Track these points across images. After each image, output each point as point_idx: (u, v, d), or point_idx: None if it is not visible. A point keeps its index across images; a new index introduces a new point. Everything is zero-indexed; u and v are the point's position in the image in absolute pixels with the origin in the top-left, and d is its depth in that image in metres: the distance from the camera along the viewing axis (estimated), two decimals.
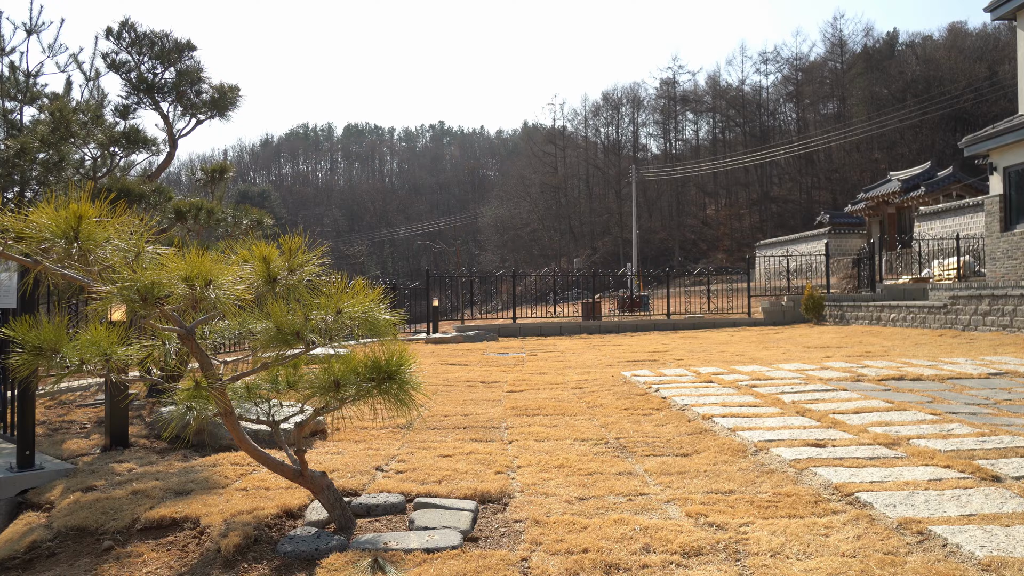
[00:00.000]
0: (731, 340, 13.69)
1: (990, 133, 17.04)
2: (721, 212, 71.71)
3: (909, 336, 12.58)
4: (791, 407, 5.49)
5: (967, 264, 20.22)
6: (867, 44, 68.07)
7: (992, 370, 7.39)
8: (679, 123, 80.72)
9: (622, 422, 5.22)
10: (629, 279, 29.53)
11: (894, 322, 14.91)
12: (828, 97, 69.89)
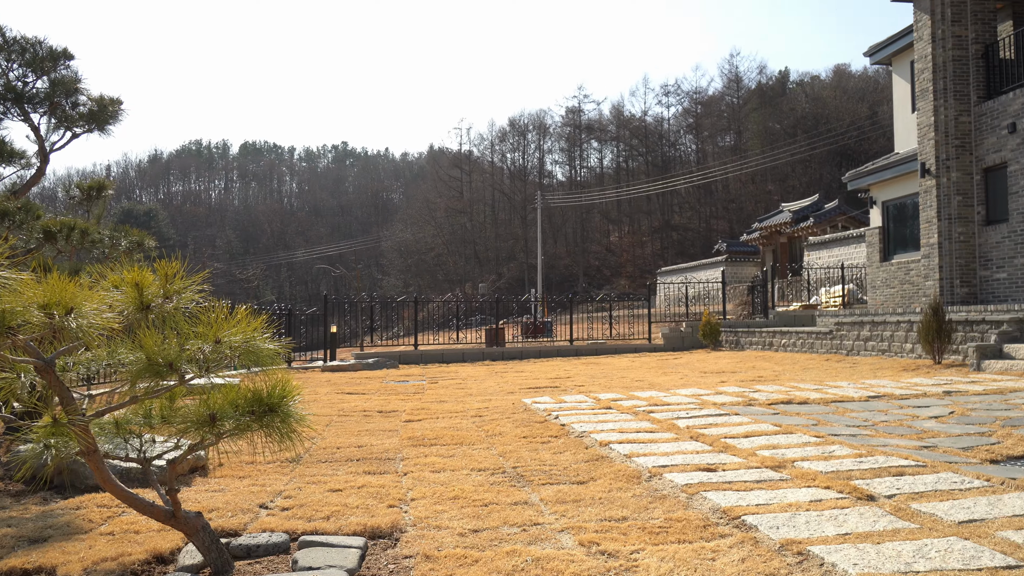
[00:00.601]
0: (632, 366, 14.01)
1: (870, 169, 18.33)
2: (624, 239, 73.80)
3: (798, 361, 13.24)
4: (685, 432, 5.62)
5: (851, 292, 21.56)
6: (761, 81, 72.32)
7: (871, 393, 7.82)
8: (584, 151, 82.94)
9: (520, 451, 5.20)
10: (533, 305, 29.85)
11: (785, 347, 15.67)
12: (725, 130, 73.63)
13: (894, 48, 18.00)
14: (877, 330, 12.75)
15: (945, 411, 6.46)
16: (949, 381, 8.60)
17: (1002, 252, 13.27)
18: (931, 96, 14.20)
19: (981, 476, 3.89)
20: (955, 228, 13.95)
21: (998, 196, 13.49)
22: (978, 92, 13.91)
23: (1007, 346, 9.50)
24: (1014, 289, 13.02)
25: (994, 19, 14.10)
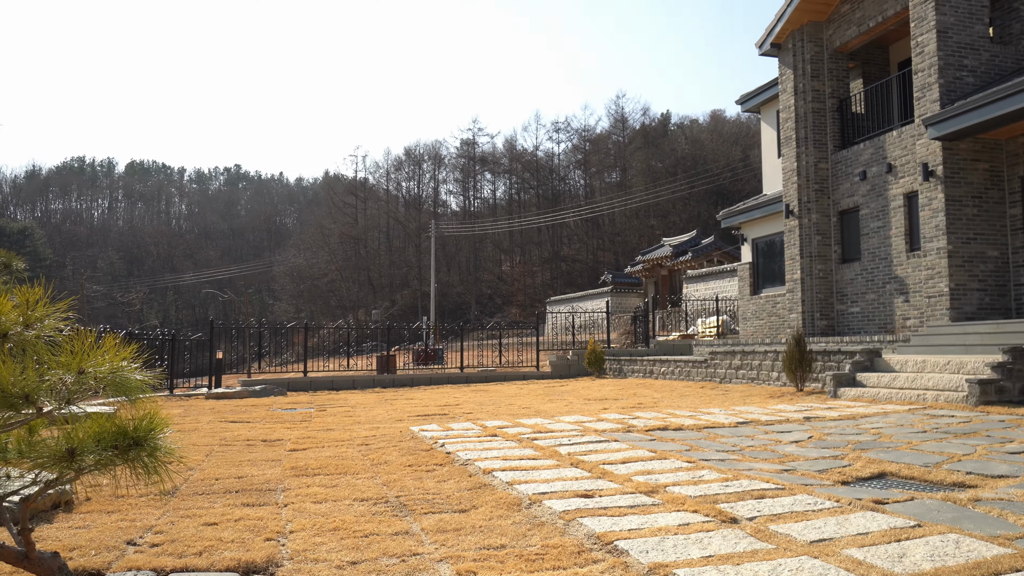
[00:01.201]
0: (520, 393, 14.20)
1: (741, 209, 19.60)
2: (516, 269, 74.95)
3: (676, 388, 13.85)
4: (567, 459, 5.78)
5: (725, 323, 22.84)
6: (645, 122, 76.04)
7: (740, 419, 8.28)
8: (478, 182, 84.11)
9: (405, 479, 5.18)
10: (425, 332, 29.71)
11: (664, 375, 16.37)
12: (612, 167, 76.70)
13: (762, 98, 19.48)
14: (747, 359, 13.57)
15: (805, 436, 6.91)
16: (809, 408, 9.25)
17: (856, 288, 14.53)
18: (794, 144, 15.46)
19: (832, 497, 4.16)
20: (815, 265, 15.15)
21: (852, 237, 14.79)
22: (834, 142, 15.27)
23: (859, 375, 10.37)
24: (866, 322, 14.25)
25: (847, 77, 15.59)
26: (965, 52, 12.23)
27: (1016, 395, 8.37)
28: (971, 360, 9.07)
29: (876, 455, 5.65)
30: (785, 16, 15.40)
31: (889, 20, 13.87)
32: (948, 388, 8.83)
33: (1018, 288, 12.11)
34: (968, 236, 12.06)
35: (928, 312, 12.24)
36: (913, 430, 6.87)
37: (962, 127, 11.54)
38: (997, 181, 12.36)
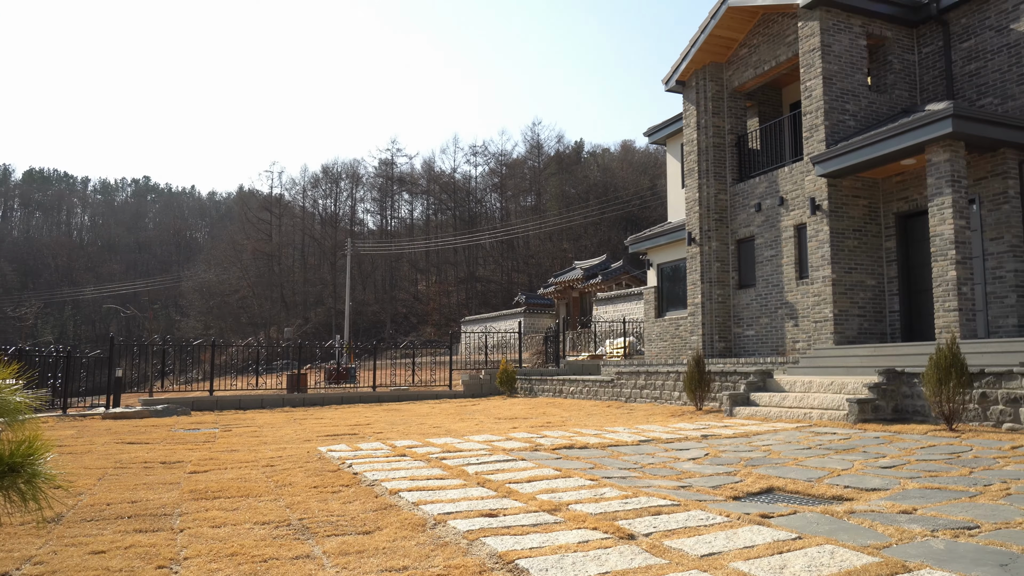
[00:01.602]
0: (431, 412, 14.17)
1: (647, 235, 20.34)
2: (432, 288, 74.67)
3: (584, 407, 14.14)
4: (474, 478, 5.85)
5: (632, 344, 23.51)
6: (559, 149, 77.82)
7: (642, 438, 8.55)
8: (396, 202, 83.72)
9: (309, 501, 5.11)
10: (338, 351, 29.16)
11: (573, 394, 16.69)
12: (527, 191, 77.92)
13: (668, 131, 20.38)
14: (651, 379, 14.05)
15: (702, 453, 7.21)
16: (707, 426, 9.66)
17: (751, 312, 15.32)
18: (696, 175, 16.24)
19: (723, 512, 4.35)
20: (715, 290, 15.90)
21: (748, 264, 15.62)
22: (733, 175, 16.14)
23: (753, 394, 10.93)
24: (760, 344, 15.03)
25: (745, 115, 16.55)
26: (847, 98, 13.26)
27: (889, 413, 9.05)
28: (851, 381, 9.75)
29: (765, 471, 5.97)
30: (689, 56, 16.24)
31: (782, 65, 14.86)
32: (831, 407, 9.45)
33: (892, 314, 13.12)
34: (850, 266, 13.00)
35: (815, 335, 13.06)
36: (799, 447, 7.31)
37: (844, 166, 12.49)
38: (875, 216, 13.40)
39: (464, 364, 24.71)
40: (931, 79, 13.66)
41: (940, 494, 4.80)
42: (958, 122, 10.77)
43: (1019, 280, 11.23)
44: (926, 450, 6.70)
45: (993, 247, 11.54)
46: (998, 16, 12.49)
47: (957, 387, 7.85)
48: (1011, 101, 12.21)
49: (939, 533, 3.76)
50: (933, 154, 11.30)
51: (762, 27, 15.31)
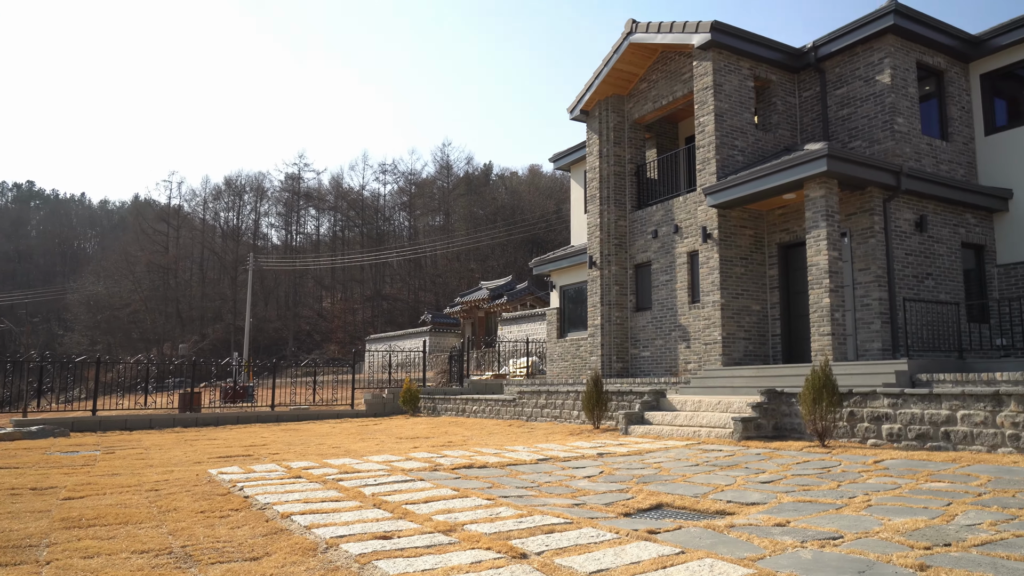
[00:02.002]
0: (332, 432, 13.89)
1: (551, 258, 20.78)
2: (337, 306, 73.15)
3: (486, 426, 14.21)
4: (370, 500, 5.81)
5: (534, 364, 23.85)
6: (468, 171, 78.42)
7: (541, 456, 8.68)
8: (302, 217, 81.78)
9: (195, 527, 4.94)
10: (235, 368, 28.09)
11: (476, 413, 16.76)
12: (436, 211, 77.95)
13: (572, 158, 20.99)
14: (552, 399, 14.32)
15: (597, 471, 7.39)
16: (603, 444, 9.92)
17: (647, 334, 15.91)
18: (598, 202, 16.79)
19: (613, 529, 4.50)
20: (613, 313, 16.42)
21: (645, 288, 16.24)
22: (632, 202, 16.79)
23: (647, 413, 11.35)
24: (655, 365, 15.62)
25: (644, 146, 17.29)
26: (736, 134, 14.12)
27: (770, 431, 9.63)
28: (737, 400, 10.30)
29: (655, 488, 6.21)
30: (593, 88, 16.85)
31: (678, 100, 15.66)
32: (718, 425, 9.95)
33: (774, 338, 13.97)
34: (737, 292, 13.76)
35: (705, 357, 13.72)
36: (688, 463, 7.64)
37: (733, 198, 13.27)
38: (760, 245, 14.27)
39: (368, 383, 24.34)
40: (810, 121, 14.75)
41: (811, 507, 5.17)
42: (831, 162, 11.69)
43: (883, 308, 12.23)
44: (801, 465, 7.17)
45: (861, 277, 12.52)
46: (866, 68, 13.67)
47: (829, 406, 8.45)
48: (877, 145, 13.35)
49: (808, 544, 4.05)
50: (811, 190, 12.19)
51: (661, 64, 16.09)
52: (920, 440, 8.07)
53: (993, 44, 13.88)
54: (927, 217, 13.02)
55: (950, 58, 14.26)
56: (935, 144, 13.80)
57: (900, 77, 13.46)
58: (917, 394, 8.16)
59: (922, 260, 12.90)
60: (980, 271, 13.85)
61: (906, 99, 13.50)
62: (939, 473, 6.33)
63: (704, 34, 13.84)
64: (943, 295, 13.07)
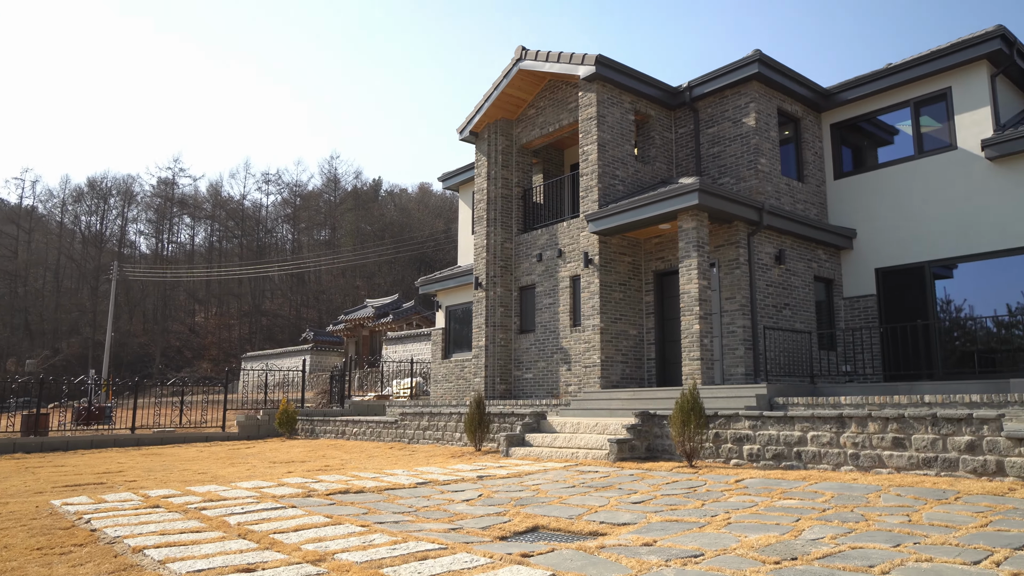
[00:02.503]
0: (199, 456, 13.15)
1: (438, 278, 20.75)
2: (211, 321, 69.54)
3: (366, 449, 13.92)
4: (235, 529, 5.54)
5: (419, 385, 23.64)
6: (357, 185, 77.08)
7: (420, 480, 8.59)
8: (175, 225, 77.23)
9: (28, 566, 4.51)
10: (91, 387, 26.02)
11: (356, 436, 16.37)
12: (322, 225, 75.99)
13: (461, 179, 21.15)
14: (434, 420, 14.23)
15: (476, 495, 7.38)
16: (483, 467, 9.95)
17: (530, 356, 16.17)
18: (485, 223, 16.98)
19: (487, 554, 4.51)
20: (498, 334, 16.58)
21: (529, 310, 16.52)
22: (518, 225, 17.10)
23: (528, 435, 11.50)
24: (537, 387, 15.88)
25: (531, 170, 17.69)
26: (618, 165, 14.73)
27: (643, 452, 10.00)
28: (613, 422, 10.64)
29: (532, 510, 6.29)
30: (483, 110, 17.10)
31: (564, 128, 16.16)
32: (595, 447, 10.23)
33: (649, 362, 14.57)
34: (616, 316, 14.28)
35: (585, 379, 14.10)
36: (565, 485, 7.79)
37: (613, 225, 13.81)
38: (638, 272, 14.90)
39: (242, 404, 23.24)
40: (684, 156, 15.62)
41: (677, 526, 5.40)
42: (702, 196, 12.42)
43: (746, 335, 13.05)
44: (670, 485, 7.48)
45: (728, 305, 13.33)
46: (734, 110, 14.67)
47: (696, 428, 8.89)
48: (743, 182, 14.32)
49: (672, 563, 4.23)
50: (684, 221, 12.88)
51: (549, 92, 16.57)
52: (776, 460, 8.63)
53: (841, 98, 15.28)
54: (785, 251, 14.06)
55: (805, 107, 15.55)
56: (792, 184, 14.96)
57: (763, 121, 14.53)
58: (774, 417, 8.74)
59: (781, 291, 13.89)
60: (830, 303, 15.08)
61: (768, 142, 14.58)
62: (791, 491, 6.79)
63: (589, 67, 14.40)
64: (798, 324, 14.12)
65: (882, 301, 14.59)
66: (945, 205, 13.85)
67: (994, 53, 13.31)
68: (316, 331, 42.24)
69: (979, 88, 13.59)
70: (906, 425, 7.64)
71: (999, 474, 6.92)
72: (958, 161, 13.78)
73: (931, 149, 14.28)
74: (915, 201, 14.28)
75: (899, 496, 6.24)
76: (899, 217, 14.46)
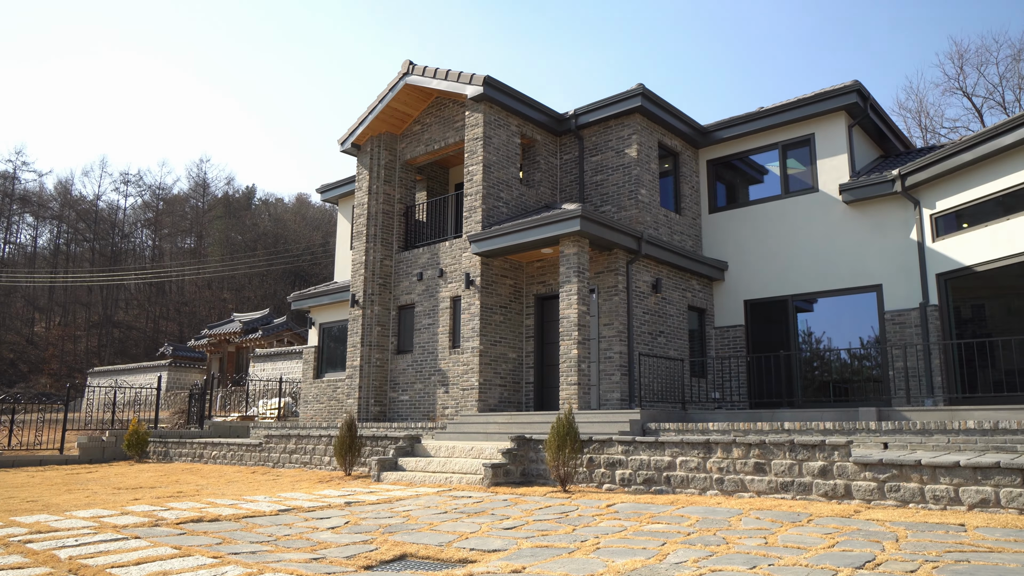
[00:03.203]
0: (29, 482, 11.81)
1: (312, 293, 19.98)
2: (54, 331, 63.55)
3: (226, 474, 13.04)
4: (65, 564, 4.94)
5: (287, 405, 22.57)
6: (228, 192, 73.37)
7: (283, 507, 8.12)
8: (15, 224, 70.13)
9: None
10: None
11: (215, 459, 15.32)
12: (188, 232, 71.63)
13: (341, 191, 20.58)
14: (302, 443, 13.56)
15: (342, 522, 7.06)
16: (352, 492, 9.55)
17: (407, 378, 15.82)
18: (364, 239, 16.54)
19: None
20: (374, 354, 16.12)
21: (407, 330, 16.19)
22: (399, 242, 16.78)
23: (401, 459, 11.15)
24: (413, 409, 15.53)
25: (415, 187, 17.46)
26: (502, 187, 14.82)
27: (518, 476, 9.93)
28: (489, 446, 10.52)
29: (402, 537, 6.05)
30: (366, 122, 16.73)
31: (450, 147, 16.10)
32: (470, 471, 10.05)
33: (528, 385, 14.63)
34: (496, 339, 14.25)
35: (462, 402, 13.93)
36: (437, 511, 7.58)
37: (496, 247, 13.83)
38: (519, 295, 14.98)
39: (86, 424, 21.22)
40: (569, 182, 15.96)
41: (547, 551, 5.33)
42: (584, 222, 12.69)
43: (623, 361, 13.39)
44: (542, 511, 7.44)
45: (606, 331, 13.64)
46: (618, 141, 15.18)
47: (571, 453, 8.93)
48: (624, 211, 14.80)
49: None
50: (565, 247, 13.09)
51: (436, 109, 16.47)
52: (647, 484, 8.81)
53: (717, 136, 16.20)
54: (662, 280, 14.60)
55: (685, 142, 16.35)
56: (670, 216, 15.62)
57: (645, 153, 15.11)
58: (645, 442, 8.94)
59: (656, 319, 14.40)
60: (702, 331, 15.80)
61: (649, 173, 15.18)
62: (659, 515, 6.92)
63: (477, 87, 14.44)
64: (672, 351, 14.66)
65: (750, 331, 15.45)
66: (807, 243, 14.92)
67: (851, 106, 14.57)
68: (176, 346, 39.57)
69: (838, 136, 14.81)
70: (767, 451, 8.01)
71: (847, 497, 7.37)
72: (819, 203, 14.92)
73: (796, 190, 15.38)
74: (781, 238, 15.29)
75: (758, 519, 6.49)
76: (767, 252, 15.42)
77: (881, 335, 13.81)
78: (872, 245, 14.14)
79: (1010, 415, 9.24)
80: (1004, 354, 11.99)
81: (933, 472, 6.90)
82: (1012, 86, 34.39)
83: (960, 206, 12.86)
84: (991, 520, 6.12)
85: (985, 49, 48.23)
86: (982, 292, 12.92)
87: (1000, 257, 12.00)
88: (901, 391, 13.26)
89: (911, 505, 6.96)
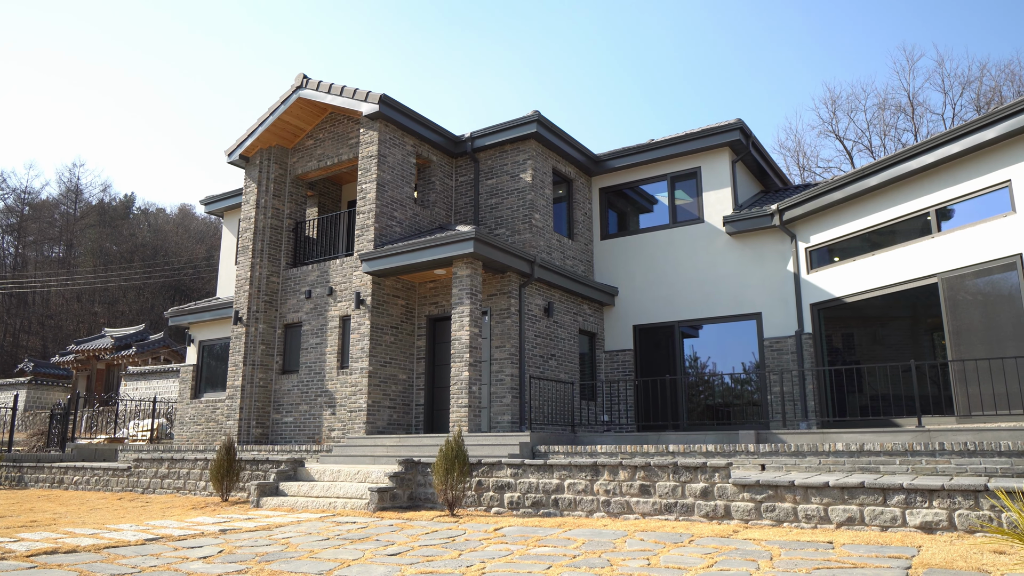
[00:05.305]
0: None
1: (192, 309, 18.97)
2: None
3: (89, 500, 12.10)
4: None
5: (162, 426, 21.22)
6: (104, 199, 68.77)
7: (151, 536, 7.60)
8: None
9: None
10: None
11: (77, 484, 14.17)
12: (56, 240, 66.43)
13: (227, 204, 19.75)
14: (176, 467, 12.76)
15: (216, 551, 6.68)
16: (229, 519, 9.06)
17: (292, 398, 15.25)
18: (250, 254, 15.91)
19: None
20: (257, 374, 15.46)
21: (294, 350, 15.65)
22: (288, 259, 16.25)
23: (283, 484, 10.69)
24: (298, 431, 14.98)
25: (305, 203, 17.00)
26: (396, 206, 14.67)
27: (406, 500, 9.75)
28: (376, 470, 10.27)
29: (279, 566, 5.79)
30: (256, 134, 16.17)
31: (343, 163, 15.81)
32: (356, 496, 9.77)
33: (418, 407, 14.45)
34: (385, 360, 14.00)
35: (350, 424, 13.57)
36: (319, 538, 7.31)
37: (388, 267, 13.64)
38: (411, 316, 14.82)
39: None
40: (464, 204, 16.00)
41: None
42: (478, 244, 12.74)
43: (514, 383, 13.47)
44: (429, 535, 7.32)
45: (498, 353, 13.70)
46: (513, 165, 15.40)
47: (460, 476, 8.86)
48: (518, 235, 14.99)
49: None
50: (459, 268, 13.09)
51: (329, 124, 16.14)
52: (535, 507, 8.85)
53: (610, 165, 16.75)
54: (554, 304, 14.85)
55: (578, 170, 16.80)
56: (563, 241, 15.96)
57: (539, 179, 15.40)
58: (535, 465, 8.99)
59: (548, 342, 14.60)
60: (592, 355, 16.16)
61: (543, 198, 15.46)
62: (547, 538, 6.96)
63: (373, 105, 14.27)
64: (563, 375, 14.90)
65: (639, 356, 15.94)
66: (693, 271, 15.60)
67: (735, 142, 15.45)
68: (38, 362, 36.45)
69: (722, 170, 15.65)
70: (652, 473, 8.24)
71: (727, 517, 7.69)
72: (704, 233, 15.66)
73: (683, 220, 16.09)
74: (669, 265, 15.92)
75: (643, 541, 6.65)
76: (655, 279, 16.01)
77: (761, 361, 14.60)
78: (753, 275, 14.97)
79: (874, 437, 9.95)
80: (870, 380, 12.97)
81: (805, 492, 7.31)
82: (878, 132, 37.65)
83: (832, 241, 13.86)
84: (856, 537, 6.54)
85: (855, 96, 52.58)
86: (852, 322, 13.95)
87: (868, 289, 13.01)
88: (778, 415, 14.04)
89: (785, 524, 7.33)
